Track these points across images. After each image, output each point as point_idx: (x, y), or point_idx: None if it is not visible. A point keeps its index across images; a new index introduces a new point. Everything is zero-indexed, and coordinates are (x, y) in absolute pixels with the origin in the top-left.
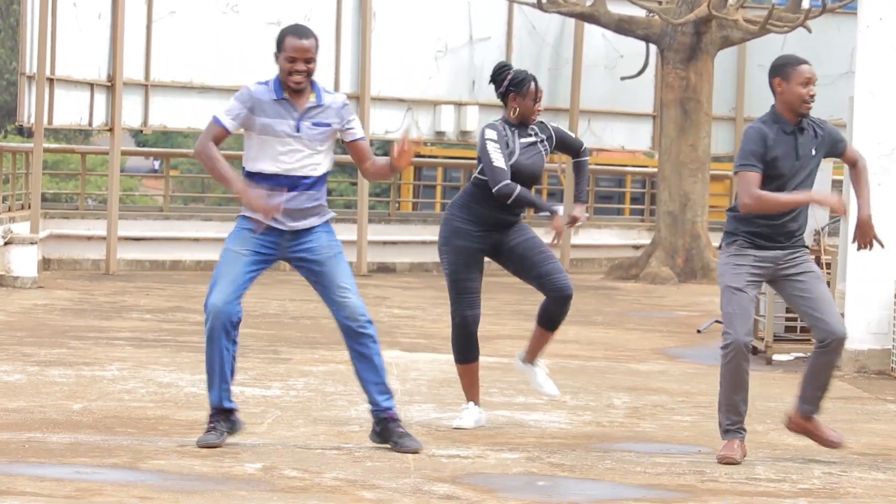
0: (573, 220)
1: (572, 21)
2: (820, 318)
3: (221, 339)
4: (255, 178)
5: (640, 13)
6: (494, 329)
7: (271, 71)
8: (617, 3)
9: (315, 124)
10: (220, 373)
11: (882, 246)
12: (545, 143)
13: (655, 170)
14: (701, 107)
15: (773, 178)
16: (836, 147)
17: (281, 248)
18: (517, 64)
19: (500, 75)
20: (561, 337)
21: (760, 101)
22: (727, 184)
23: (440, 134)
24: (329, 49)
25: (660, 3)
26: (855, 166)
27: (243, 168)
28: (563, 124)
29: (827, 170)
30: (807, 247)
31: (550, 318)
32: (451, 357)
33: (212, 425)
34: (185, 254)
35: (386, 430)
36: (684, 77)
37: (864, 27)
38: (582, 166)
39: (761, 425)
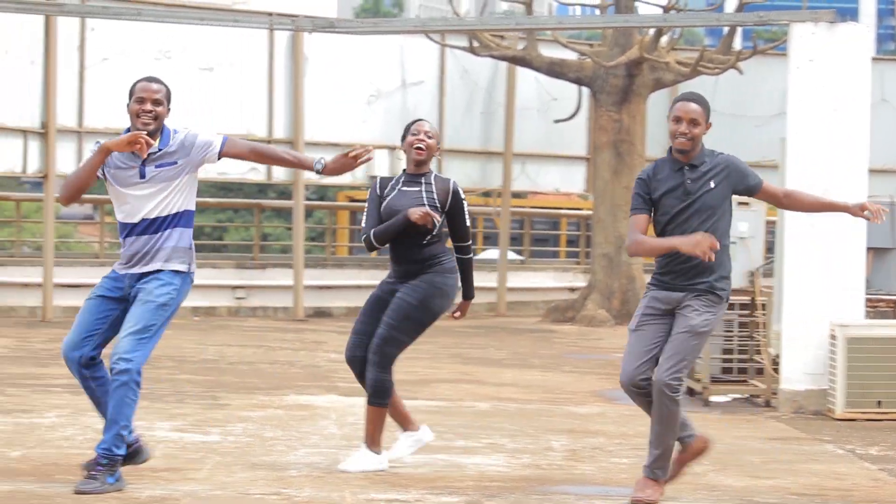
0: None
1: (504, 64)
2: (660, 360)
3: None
4: (122, 226)
5: (572, 56)
6: (432, 373)
7: (205, 116)
8: (549, 46)
9: (158, 166)
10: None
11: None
12: (434, 196)
13: (590, 212)
14: (634, 149)
15: (662, 215)
16: (745, 181)
17: (126, 291)
18: (450, 107)
19: (402, 134)
20: (498, 380)
21: None
22: None
23: (374, 178)
24: (262, 94)
25: (591, 45)
26: (788, 196)
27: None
28: (496, 168)
29: (759, 211)
30: (714, 292)
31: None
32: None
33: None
34: None
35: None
36: (617, 119)
37: (795, 68)
38: (466, 265)
39: (699, 467)
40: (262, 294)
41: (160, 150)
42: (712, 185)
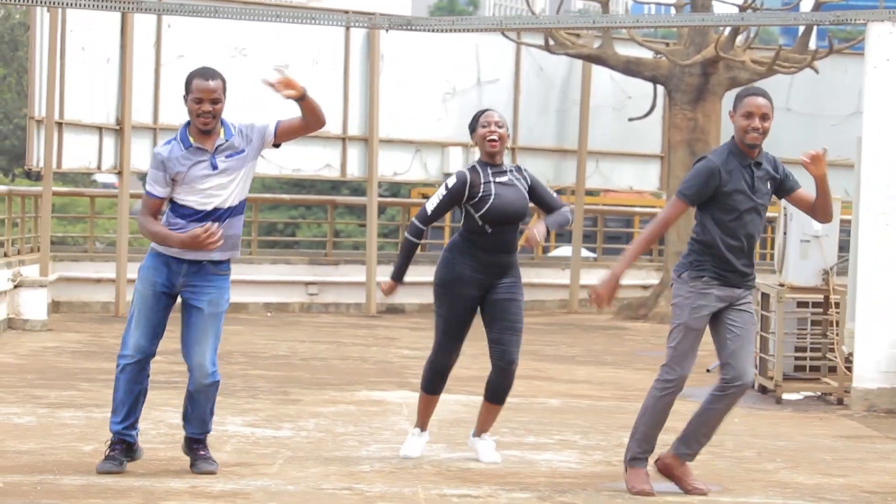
0: (530, 239)
1: (580, 62)
2: (737, 357)
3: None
4: (177, 209)
5: (647, 55)
6: None
7: (279, 113)
8: (624, 44)
9: (228, 156)
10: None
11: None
12: (522, 182)
13: None
14: (708, 147)
15: (728, 211)
16: (788, 183)
17: (177, 284)
18: (525, 105)
19: (469, 124)
20: (571, 377)
21: (768, 141)
22: None
23: (448, 175)
24: (337, 91)
25: (667, 44)
26: (815, 200)
27: (170, 201)
28: (571, 166)
29: (833, 209)
30: (754, 286)
31: (493, 390)
32: (461, 398)
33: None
34: None
35: (189, 450)
36: (692, 118)
37: (872, 68)
38: (559, 212)
39: (771, 464)
40: (335, 290)
41: (227, 140)
42: (769, 186)
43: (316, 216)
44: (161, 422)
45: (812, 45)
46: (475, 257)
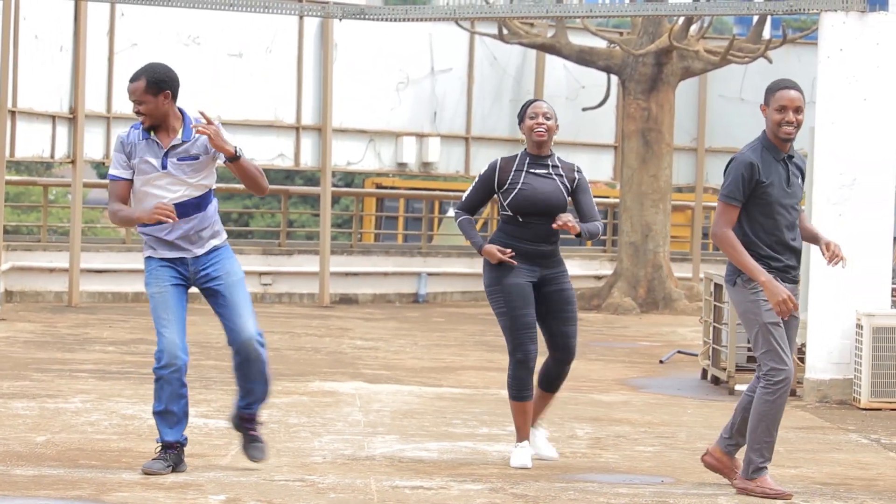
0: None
1: (533, 52)
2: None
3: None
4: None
5: (601, 44)
6: (458, 360)
7: (233, 102)
8: (578, 33)
9: (181, 160)
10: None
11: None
12: (564, 179)
13: (617, 200)
14: (662, 137)
15: (764, 205)
16: (803, 185)
17: (189, 276)
18: (478, 95)
19: (518, 114)
20: None
21: (721, 131)
22: (688, 214)
23: (402, 165)
24: (291, 80)
25: (621, 33)
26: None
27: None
28: None
29: None
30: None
31: (549, 380)
32: (414, 389)
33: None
34: None
35: (240, 426)
36: (645, 108)
37: (825, 58)
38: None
39: None
40: (288, 280)
41: (183, 141)
42: (801, 182)
43: (269, 206)
44: (114, 412)
45: (766, 34)
46: (514, 248)
